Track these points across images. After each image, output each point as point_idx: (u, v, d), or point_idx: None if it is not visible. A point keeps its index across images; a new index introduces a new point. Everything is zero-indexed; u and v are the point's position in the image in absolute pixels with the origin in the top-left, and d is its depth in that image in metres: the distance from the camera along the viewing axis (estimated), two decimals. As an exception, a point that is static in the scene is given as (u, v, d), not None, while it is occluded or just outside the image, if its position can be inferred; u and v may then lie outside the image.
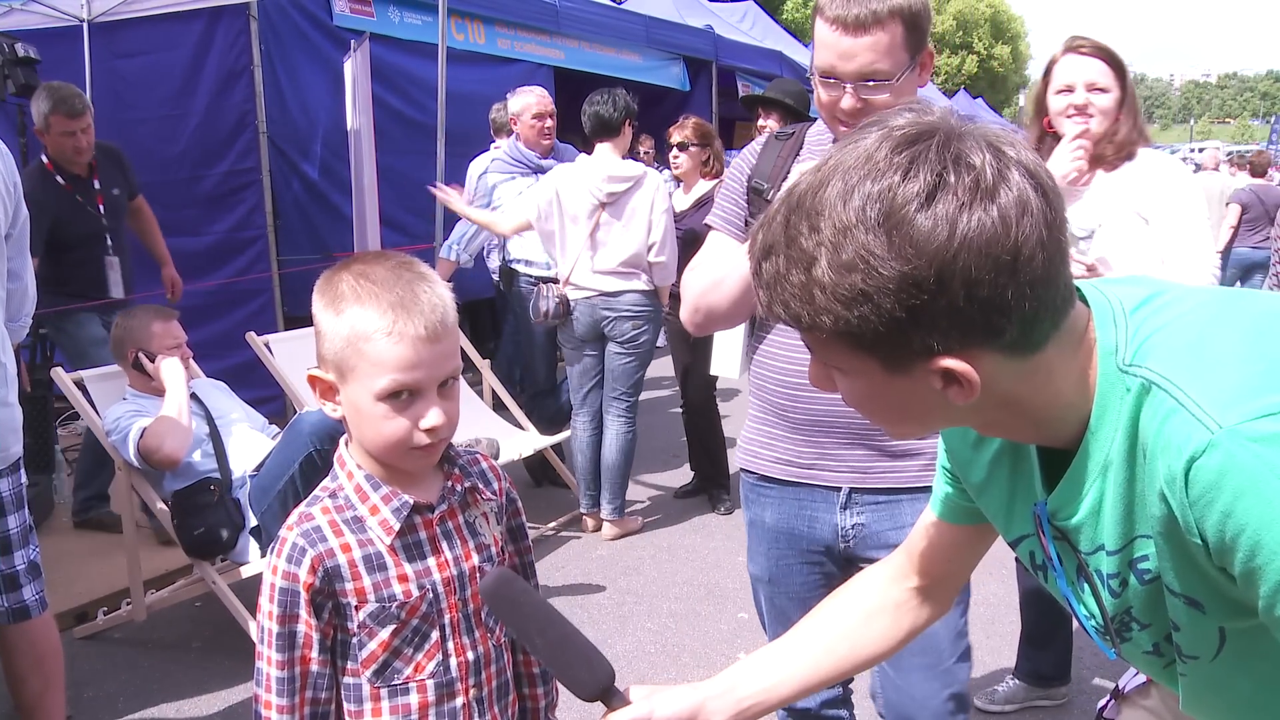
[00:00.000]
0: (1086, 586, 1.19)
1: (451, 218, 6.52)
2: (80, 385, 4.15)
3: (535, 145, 5.71)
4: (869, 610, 1.52)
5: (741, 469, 2.40)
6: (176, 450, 3.75)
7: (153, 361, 3.93)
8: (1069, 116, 2.89)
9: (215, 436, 3.96)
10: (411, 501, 1.53)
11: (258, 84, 6.53)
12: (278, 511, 3.57)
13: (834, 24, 1.98)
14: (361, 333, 1.44)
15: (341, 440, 1.59)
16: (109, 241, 5.18)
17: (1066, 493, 1.14)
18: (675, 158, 5.57)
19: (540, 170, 5.58)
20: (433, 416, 1.47)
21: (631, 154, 5.36)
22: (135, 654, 4.17)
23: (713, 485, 5.85)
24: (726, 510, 5.68)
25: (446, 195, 5.58)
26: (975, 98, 26.11)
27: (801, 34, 24.37)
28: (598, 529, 5.35)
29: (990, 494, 1.30)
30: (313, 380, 1.53)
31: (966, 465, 1.33)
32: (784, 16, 32.68)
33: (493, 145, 7.46)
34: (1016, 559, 1.39)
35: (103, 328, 4.85)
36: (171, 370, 3.89)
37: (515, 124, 5.80)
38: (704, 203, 5.52)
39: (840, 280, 0.98)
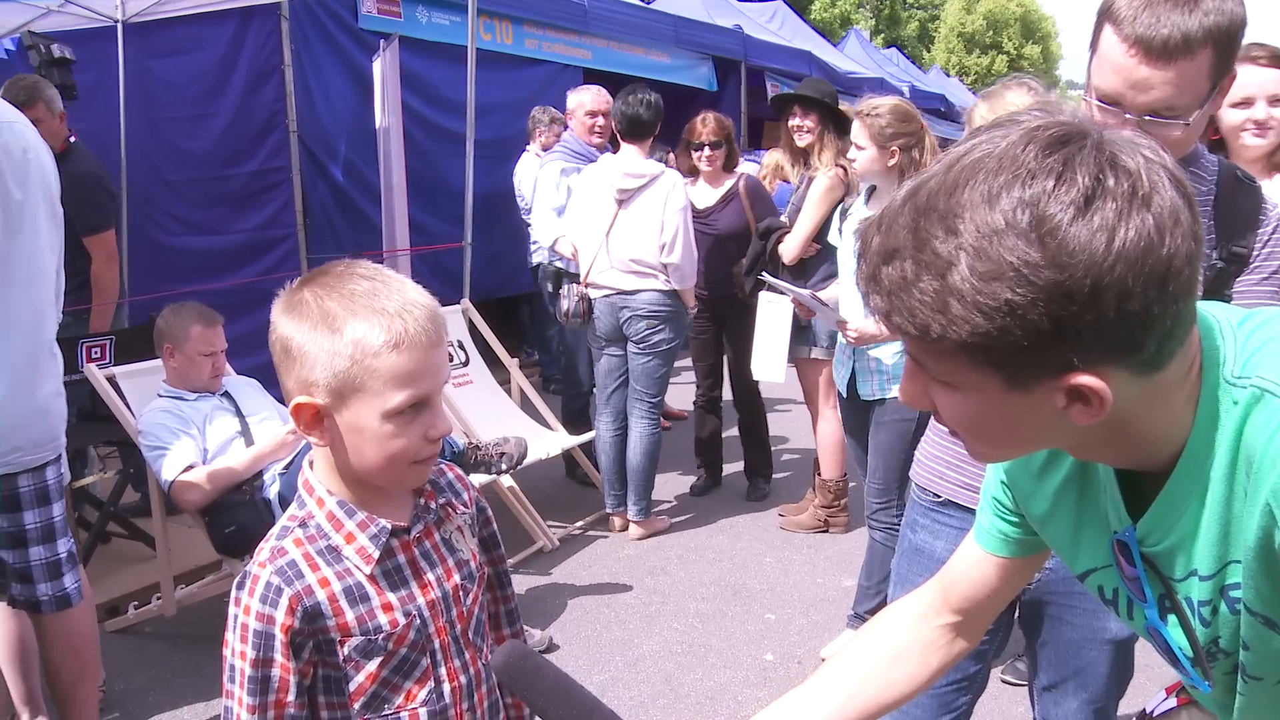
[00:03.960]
0: (1173, 617, 1.14)
1: (478, 220, 6.56)
2: (113, 381, 4.20)
3: (586, 140, 5.76)
4: (896, 652, 1.47)
5: (918, 485, 2.32)
6: (198, 505, 3.82)
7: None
8: (1247, 131, 2.78)
9: (246, 435, 4.00)
10: (390, 526, 1.46)
11: (288, 83, 6.59)
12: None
13: (1133, 45, 1.69)
14: (369, 348, 1.35)
15: (304, 465, 1.51)
16: None
17: (1160, 516, 1.09)
18: (709, 157, 5.56)
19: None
20: (441, 425, 1.42)
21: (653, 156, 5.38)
22: (165, 648, 4.22)
23: (757, 474, 5.96)
24: (759, 496, 5.78)
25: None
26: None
27: (830, 34, 24.35)
28: (624, 529, 5.37)
29: (1056, 525, 1.26)
30: (298, 409, 1.40)
31: (1029, 496, 1.28)
32: (813, 16, 32.63)
33: (527, 147, 7.53)
34: None
35: None
36: (268, 437, 3.90)
37: (570, 118, 5.88)
38: (730, 198, 5.53)
39: (983, 288, 0.91)
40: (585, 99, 5.77)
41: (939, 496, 2.26)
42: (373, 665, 1.44)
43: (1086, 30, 1.86)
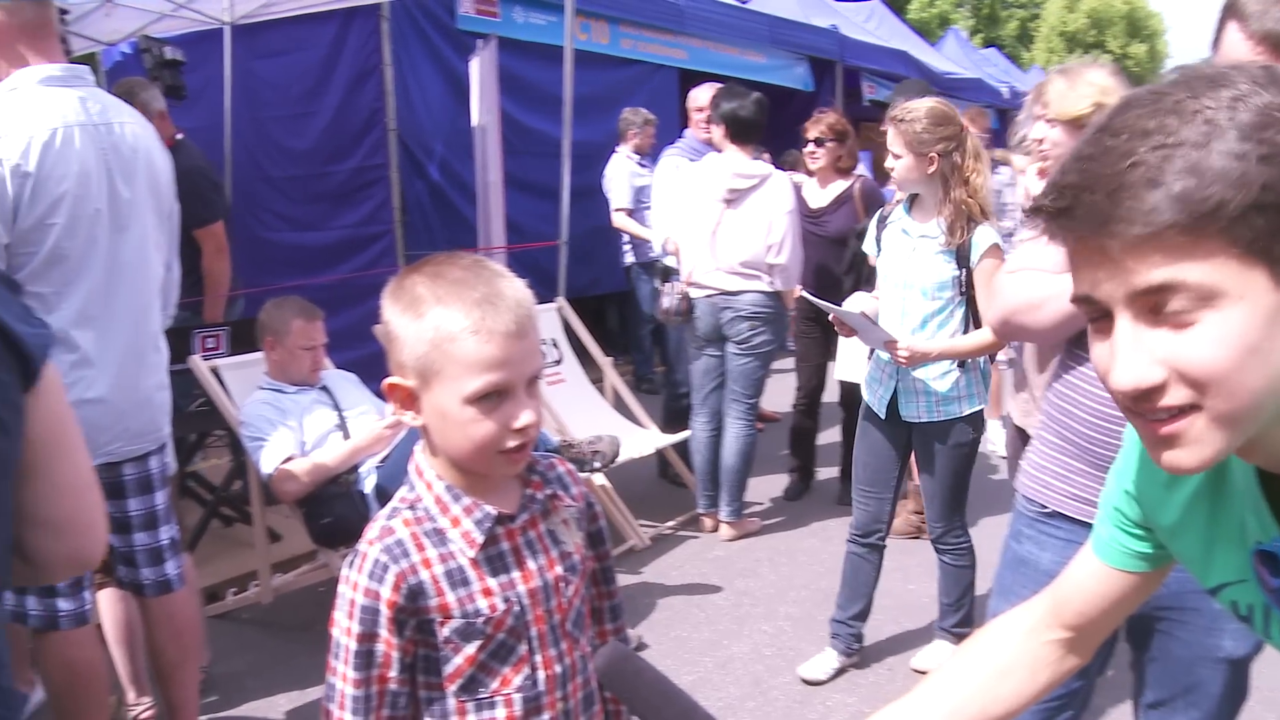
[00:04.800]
0: None
1: (579, 221, 6.58)
2: (215, 373, 4.30)
3: (700, 138, 5.77)
4: (1003, 667, 1.41)
5: (1023, 496, 2.28)
6: (296, 496, 3.88)
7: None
8: None
9: (343, 428, 4.07)
10: (495, 513, 1.49)
11: (387, 83, 6.68)
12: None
13: (1260, 42, 1.64)
14: (448, 333, 1.38)
15: (417, 448, 1.54)
16: None
17: None
18: (812, 153, 5.54)
19: None
20: (524, 416, 1.42)
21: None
22: (261, 635, 4.32)
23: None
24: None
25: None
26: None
27: (927, 33, 24.05)
28: (715, 529, 5.36)
29: (1186, 538, 1.20)
30: (391, 389, 1.46)
31: (1157, 506, 1.23)
32: (910, 16, 32.25)
33: (618, 148, 7.55)
34: None
35: None
36: (365, 431, 3.95)
37: (692, 115, 5.90)
38: (843, 200, 5.49)
39: (1254, 136, 0.83)
40: (699, 95, 5.77)
41: (1045, 507, 2.21)
42: (471, 648, 1.47)
43: (1195, 28, 1.79)
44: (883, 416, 3.76)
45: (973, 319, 3.65)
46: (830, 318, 3.91)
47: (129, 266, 2.86)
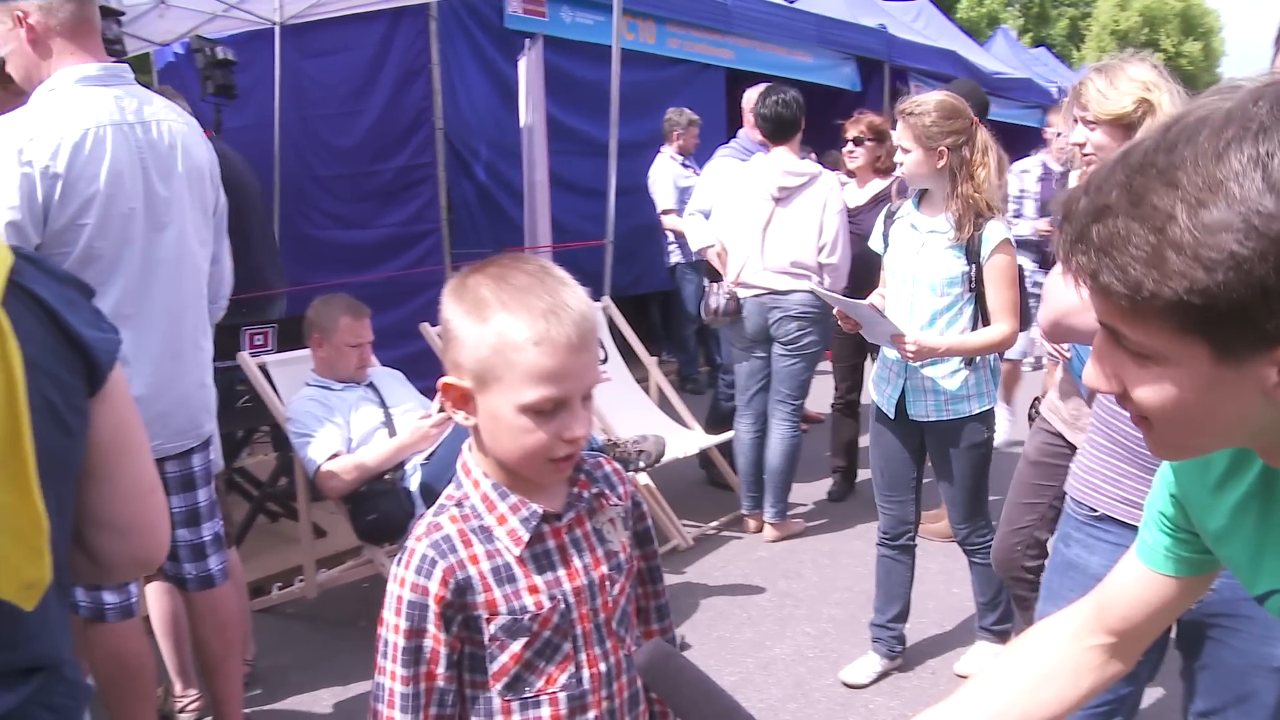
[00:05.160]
0: None
1: (621, 220, 6.58)
2: (264, 369, 4.34)
3: (754, 138, 5.72)
4: (1045, 671, 1.39)
5: (1073, 499, 2.26)
6: (342, 493, 3.92)
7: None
8: None
9: (389, 425, 4.09)
10: (540, 511, 1.48)
11: (435, 82, 6.71)
12: (447, 499, 3.65)
13: None
14: (511, 342, 1.37)
15: (465, 446, 1.54)
16: None
17: None
18: (850, 153, 5.51)
19: None
20: (578, 428, 1.43)
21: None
22: (305, 630, 4.35)
23: None
24: None
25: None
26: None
27: (976, 33, 23.85)
28: (759, 530, 5.34)
29: (1233, 544, 1.19)
30: (446, 388, 1.46)
31: (1203, 511, 1.22)
32: (959, 15, 32.00)
33: (662, 149, 7.54)
34: None
35: None
36: (411, 429, 3.96)
37: (746, 116, 5.84)
38: (880, 200, 5.45)
39: (1205, 240, 0.86)
40: (754, 96, 5.74)
41: (1095, 511, 2.18)
42: (517, 646, 1.47)
43: (1252, 24, 1.75)
44: (891, 416, 3.72)
45: (981, 315, 3.60)
46: (835, 311, 3.89)
47: (166, 265, 2.87)
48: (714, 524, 5.48)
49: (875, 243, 3.89)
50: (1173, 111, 0.95)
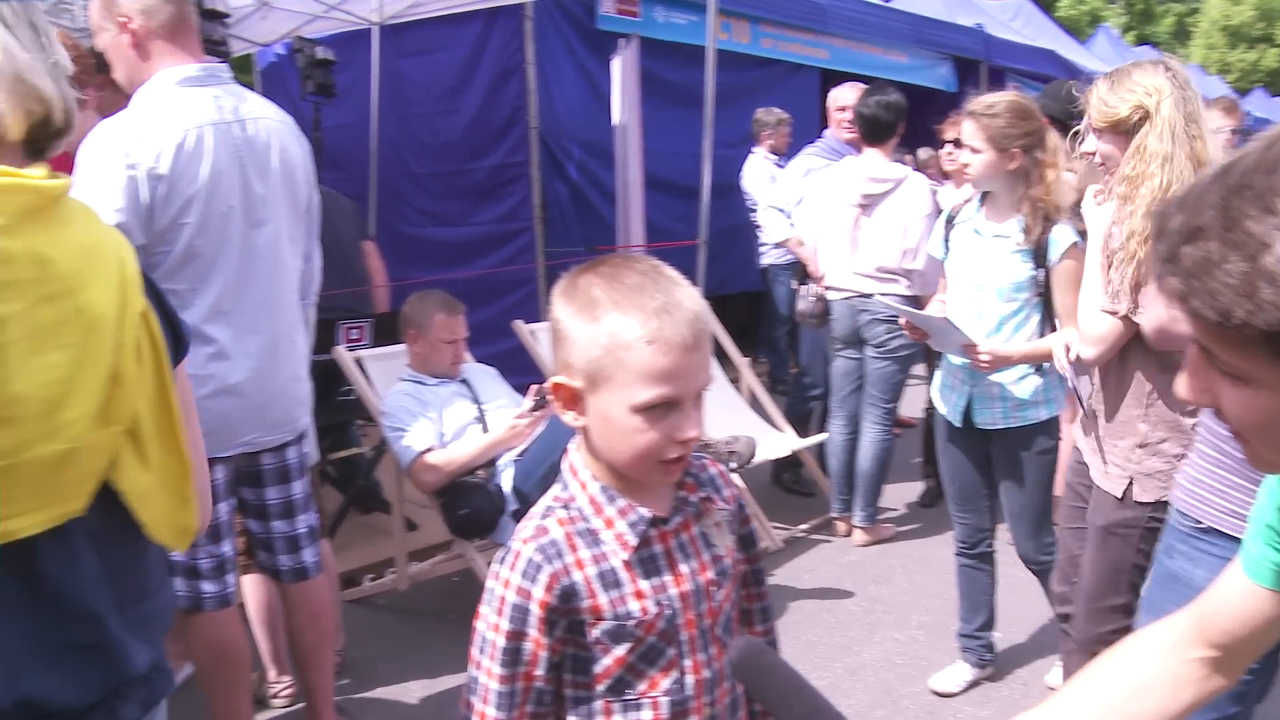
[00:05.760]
0: None
1: (713, 220, 6.57)
2: (359, 364, 4.41)
3: (840, 138, 5.71)
4: (1141, 682, 1.35)
5: (1177, 510, 2.22)
6: (434, 487, 3.97)
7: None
8: None
9: (482, 421, 4.13)
10: (649, 516, 1.48)
11: (530, 81, 6.77)
12: (540, 496, 3.67)
13: None
14: (623, 341, 1.36)
15: (572, 446, 1.53)
16: None
17: None
18: (949, 155, 5.43)
19: None
20: (690, 429, 1.41)
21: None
22: (395, 621, 4.42)
23: None
24: None
25: None
26: (1275, 96, 24.05)
27: (1077, 31, 23.35)
28: (849, 534, 5.31)
29: None
30: (557, 388, 1.45)
31: None
32: (1058, 13, 31.35)
33: (753, 149, 7.51)
34: None
35: None
36: (503, 425, 4.00)
37: (833, 115, 5.82)
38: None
39: None
40: (840, 95, 5.68)
41: (1200, 523, 2.12)
42: (620, 650, 1.46)
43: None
44: (959, 425, 3.64)
45: (1050, 320, 3.50)
46: (901, 322, 3.81)
47: (263, 261, 2.92)
48: (803, 526, 5.44)
49: (935, 248, 3.80)
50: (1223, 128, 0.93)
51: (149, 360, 1.47)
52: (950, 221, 3.72)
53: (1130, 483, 2.75)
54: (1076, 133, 2.90)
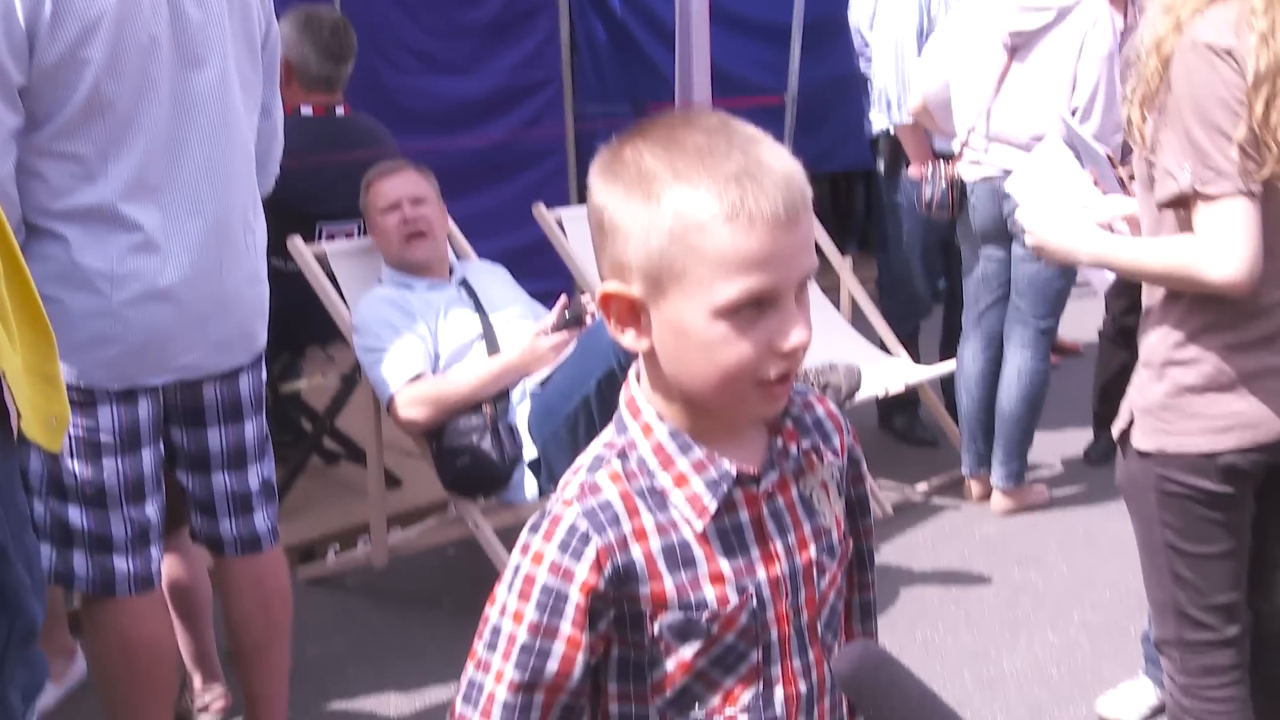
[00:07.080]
0: None
1: (807, 71, 6.46)
2: (322, 260, 4.33)
3: None
4: None
5: None
6: (424, 429, 3.95)
7: None
8: None
9: (489, 338, 4.07)
10: (735, 472, 1.43)
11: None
12: (565, 442, 3.63)
13: None
14: (694, 221, 1.32)
15: (631, 376, 1.51)
16: None
17: None
18: None
19: None
20: (795, 334, 1.36)
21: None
22: (370, 608, 4.43)
23: None
24: None
25: None
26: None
27: None
28: (985, 498, 5.30)
29: None
30: (608, 299, 1.42)
31: None
32: None
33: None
34: None
35: None
36: (518, 344, 3.96)
37: None
38: None
39: None
40: None
41: None
42: (688, 651, 1.44)
43: None
44: None
45: None
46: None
47: (204, 114, 2.85)
48: (922, 487, 5.46)
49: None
50: None
51: None
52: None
53: (1131, 422, 2.67)
54: None
